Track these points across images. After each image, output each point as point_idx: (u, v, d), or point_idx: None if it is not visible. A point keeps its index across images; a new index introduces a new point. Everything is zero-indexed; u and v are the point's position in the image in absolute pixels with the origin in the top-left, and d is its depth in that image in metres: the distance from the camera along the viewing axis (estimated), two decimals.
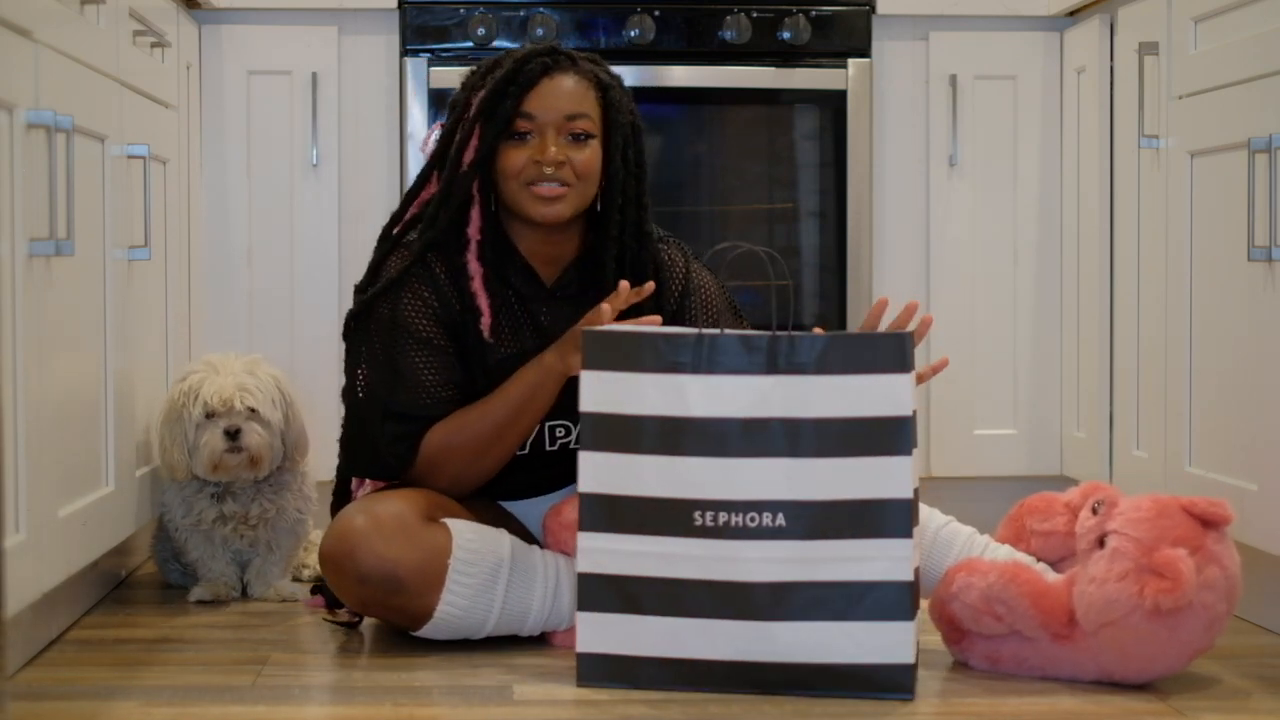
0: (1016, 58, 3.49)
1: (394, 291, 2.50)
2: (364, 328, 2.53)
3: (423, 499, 2.46)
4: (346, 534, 2.41)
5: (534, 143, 2.48)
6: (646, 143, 2.60)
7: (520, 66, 2.48)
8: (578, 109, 2.49)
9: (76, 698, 2.24)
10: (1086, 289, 3.32)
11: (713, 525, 2.21)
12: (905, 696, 2.20)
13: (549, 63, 2.49)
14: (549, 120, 2.48)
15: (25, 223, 2.21)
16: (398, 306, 2.50)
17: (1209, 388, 2.75)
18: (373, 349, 2.51)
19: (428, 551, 2.39)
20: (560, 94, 2.48)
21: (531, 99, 2.48)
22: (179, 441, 2.79)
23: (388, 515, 2.40)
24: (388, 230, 2.59)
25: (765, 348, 2.22)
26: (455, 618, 2.40)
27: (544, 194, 2.47)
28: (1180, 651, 2.24)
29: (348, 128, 3.45)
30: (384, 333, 2.50)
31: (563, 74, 2.50)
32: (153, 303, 2.95)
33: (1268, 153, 2.48)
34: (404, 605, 2.40)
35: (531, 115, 2.48)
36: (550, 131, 2.48)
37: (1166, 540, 2.21)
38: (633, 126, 2.55)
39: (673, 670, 2.24)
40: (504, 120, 2.47)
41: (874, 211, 3.49)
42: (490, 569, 2.40)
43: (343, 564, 2.41)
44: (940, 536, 2.50)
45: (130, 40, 2.78)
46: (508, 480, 2.58)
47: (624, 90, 2.55)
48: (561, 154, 2.47)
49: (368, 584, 2.39)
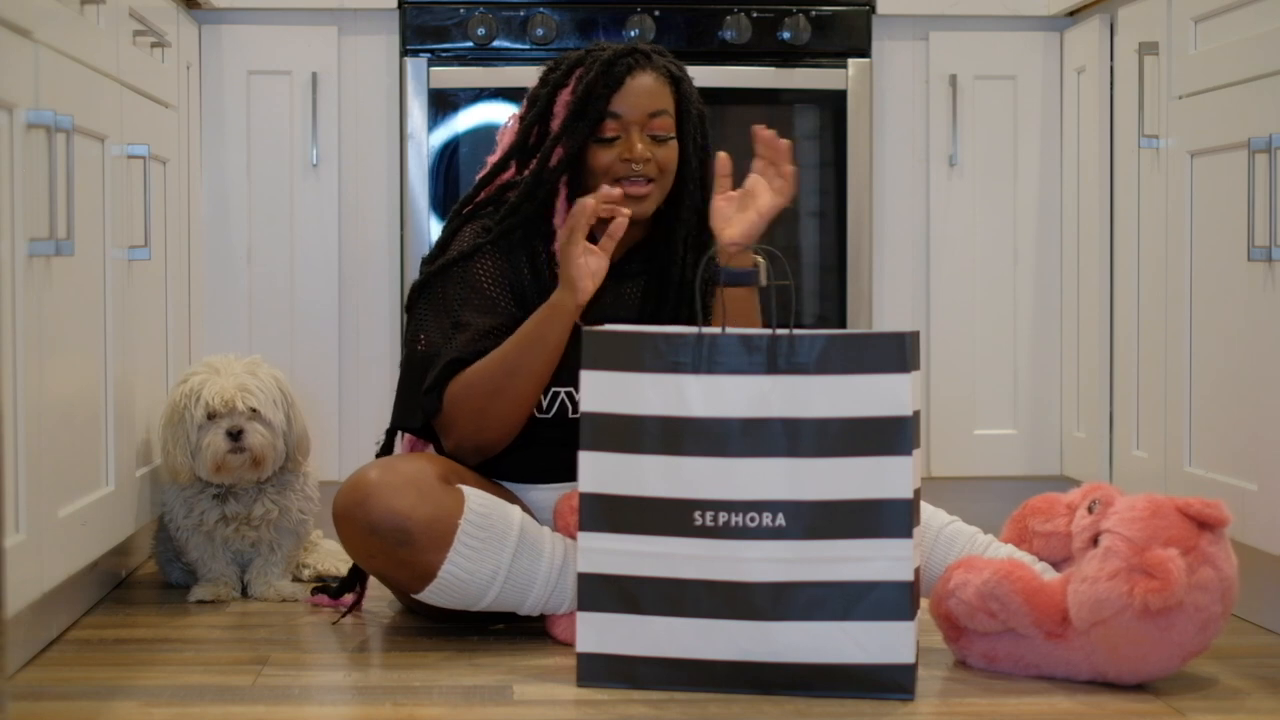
0: (1016, 58, 3.49)
1: (467, 260, 2.59)
2: (431, 294, 2.60)
3: (442, 464, 2.51)
4: (360, 484, 2.45)
5: (620, 141, 2.59)
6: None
7: (608, 68, 2.59)
8: (659, 106, 2.60)
9: (76, 698, 2.24)
10: (1086, 289, 3.32)
11: (713, 525, 2.21)
12: (905, 696, 2.20)
13: (633, 63, 2.61)
14: (635, 119, 2.59)
15: (25, 223, 2.21)
16: (468, 271, 2.59)
17: (1208, 387, 2.75)
18: (437, 309, 2.58)
19: (439, 508, 2.42)
20: (643, 93, 2.60)
21: (618, 100, 2.59)
22: (181, 444, 2.79)
23: (404, 470, 2.46)
24: (459, 209, 2.68)
25: (765, 348, 2.22)
26: (459, 580, 2.42)
27: (633, 192, 2.58)
28: (1173, 652, 2.24)
29: (348, 128, 3.45)
30: (451, 293, 2.58)
31: (643, 72, 2.61)
32: (153, 303, 2.95)
33: (1268, 153, 2.48)
34: (411, 560, 2.42)
35: (618, 114, 2.59)
36: (635, 130, 2.59)
37: (1159, 540, 2.21)
38: (700, 115, 2.67)
39: (673, 670, 2.24)
40: (595, 120, 2.58)
41: (874, 211, 3.49)
42: (499, 534, 2.42)
43: (353, 513, 2.44)
44: (943, 536, 2.50)
45: (130, 40, 2.78)
46: (530, 455, 2.61)
47: (691, 81, 2.68)
48: (648, 151, 2.59)
49: (377, 534, 2.42)
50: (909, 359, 2.20)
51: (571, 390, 2.58)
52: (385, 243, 3.45)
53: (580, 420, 2.26)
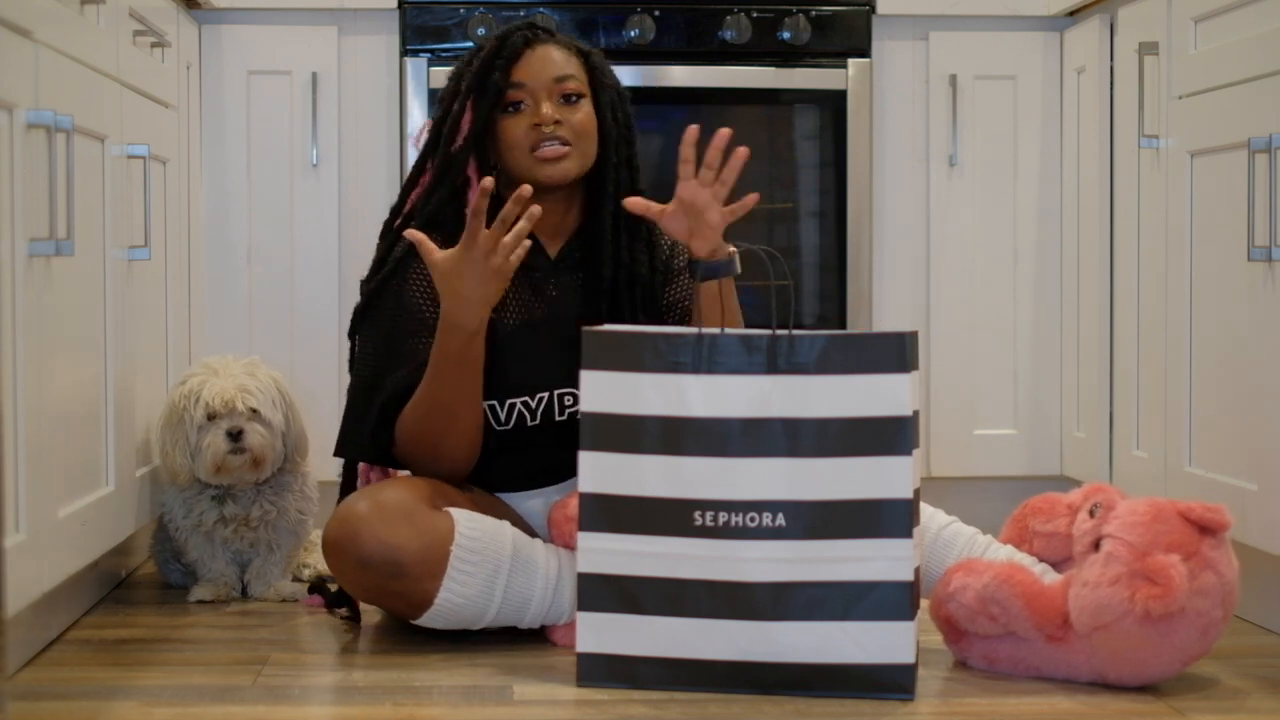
0: (1016, 58, 3.49)
1: (399, 276, 2.53)
2: (369, 317, 2.55)
3: (427, 488, 2.47)
4: (349, 518, 2.42)
5: (528, 109, 2.54)
6: (645, 143, 2.63)
7: (503, 41, 2.56)
8: (565, 71, 2.56)
9: (76, 698, 2.24)
10: (1086, 289, 3.32)
11: (713, 525, 2.21)
12: (905, 696, 2.20)
13: (530, 35, 2.58)
14: (540, 85, 2.55)
15: (25, 223, 2.21)
16: (402, 290, 2.53)
17: (1209, 388, 2.75)
18: (377, 334, 2.54)
19: (430, 536, 2.39)
20: (546, 60, 2.56)
21: (519, 68, 2.55)
22: (181, 445, 2.79)
23: (391, 501, 2.42)
24: (389, 224, 2.62)
25: (765, 347, 2.22)
26: (456, 605, 2.41)
27: (548, 155, 2.53)
28: (1174, 656, 2.24)
29: (348, 128, 3.45)
30: (388, 317, 2.53)
31: (544, 44, 2.58)
32: (153, 303, 2.95)
33: (1268, 153, 2.48)
34: (405, 590, 2.40)
35: (521, 84, 2.55)
36: (542, 95, 2.54)
37: (1161, 545, 2.21)
38: (617, 91, 2.63)
39: (673, 670, 2.24)
40: (495, 91, 2.54)
41: (874, 211, 3.49)
42: (492, 557, 2.41)
43: (345, 548, 2.42)
44: (942, 537, 2.50)
45: (130, 40, 2.78)
46: (501, 465, 2.59)
47: (603, 57, 2.63)
48: (558, 114, 2.53)
49: (369, 568, 2.40)
50: (909, 359, 2.20)
51: (559, 392, 2.56)
52: None
53: (580, 420, 2.26)
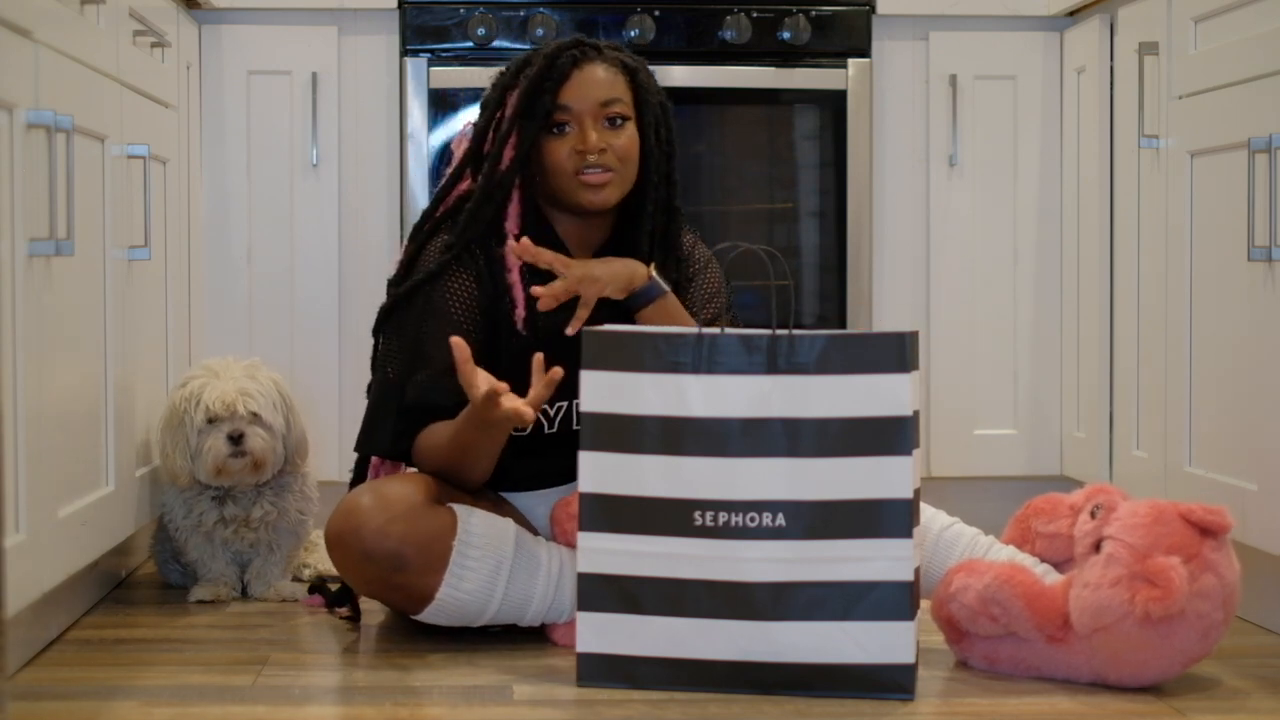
0: (1016, 58, 3.49)
1: (434, 280, 2.53)
2: (397, 318, 2.55)
3: (431, 483, 2.48)
4: (352, 511, 2.42)
5: (573, 133, 2.53)
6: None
7: (552, 62, 2.54)
8: (611, 94, 2.55)
9: (76, 698, 2.24)
10: (1086, 289, 3.32)
11: (713, 525, 2.21)
12: (905, 696, 2.20)
13: (578, 54, 2.56)
14: (585, 109, 2.53)
15: (25, 223, 2.21)
16: (435, 293, 2.53)
17: (1209, 388, 2.75)
18: (404, 335, 2.53)
19: (433, 531, 2.40)
20: (593, 83, 2.54)
21: (566, 91, 2.53)
22: (181, 447, 2.79)
23: (394, 495, 2.42)
24: (420, 226, 2.62)
25: (765, 347, 2.22)
26: (458, 600, 2.41)
27: (592, 181, 2.52)
28: (1174, 658, 2.24)
29: (348, 128, 3.45)
30: (416, 318, 2.53)
31: (591, 64, 2.56)
32: (153, 303, 2.95)
33: (1268, 153, 2.48)
34: (407, 584, 2.41)
35: (568, 107, 2.53)
36: (588, 120, 2.53)
37: (1161, 547, 2.21)
38: (661, 105, 2.61)
39: (673, 670, 2.24)
40: (543, 115, 2.53)
41: (874, 211, 3.49)
42: (494, 552, 2.41)
43: (348, 541, 2.42)
44: (943, 538, 2.50)
45: (130, 40, 2.78)
46: (529, 464, 2.60)
47: (649, 72, 2.62)
48: (602, 141, 2.53)
49: (372, 561, 2.40)
50: (909, 359, 2.20)
51: (577, 402, 2.54)
52: (385, 243, 3.45)
53: (580, 420, 2.26)
